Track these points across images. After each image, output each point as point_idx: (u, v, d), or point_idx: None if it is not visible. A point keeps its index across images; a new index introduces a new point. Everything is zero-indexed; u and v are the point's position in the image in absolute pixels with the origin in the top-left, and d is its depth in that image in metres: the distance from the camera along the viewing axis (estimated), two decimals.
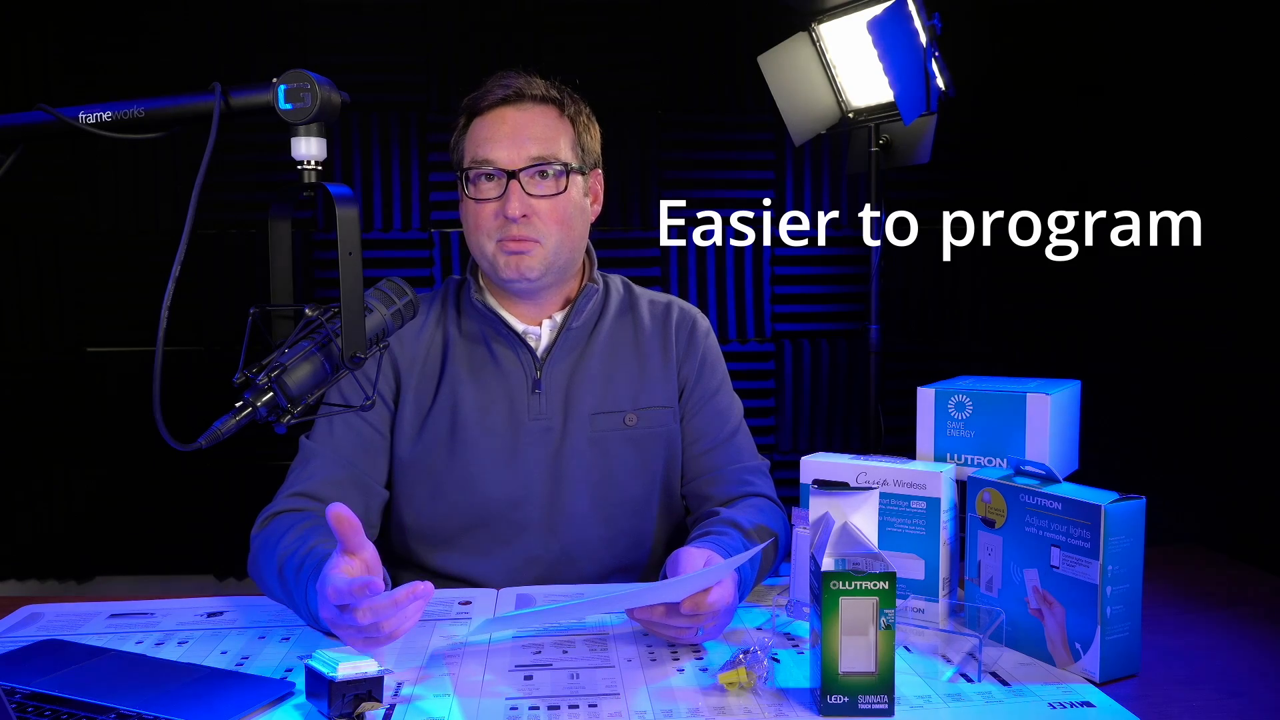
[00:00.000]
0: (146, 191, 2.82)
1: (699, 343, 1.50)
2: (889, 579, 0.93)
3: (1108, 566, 1.01)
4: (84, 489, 2.86)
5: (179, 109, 0.96)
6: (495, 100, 1.38)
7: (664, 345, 1.48)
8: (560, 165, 1.37)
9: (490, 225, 1.37)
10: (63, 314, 2.83)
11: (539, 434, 1.41)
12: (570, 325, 1.43)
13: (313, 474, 1.35)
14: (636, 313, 1.50)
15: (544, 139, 1.37)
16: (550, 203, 1.36)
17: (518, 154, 1.35)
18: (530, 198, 1.35)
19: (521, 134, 1.36)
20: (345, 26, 2.83)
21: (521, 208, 1.34)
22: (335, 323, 0.97)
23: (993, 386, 1.24)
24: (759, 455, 1.52)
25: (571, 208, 1.38)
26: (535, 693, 1.00)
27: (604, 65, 2.87)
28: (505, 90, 1.38)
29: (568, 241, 1.39)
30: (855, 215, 2.94)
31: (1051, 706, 0.96)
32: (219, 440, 0.92)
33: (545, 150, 1.36)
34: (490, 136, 1.36)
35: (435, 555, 1.43)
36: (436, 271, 2.87)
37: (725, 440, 1.48)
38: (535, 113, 1.38)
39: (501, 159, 1.35)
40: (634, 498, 1.44)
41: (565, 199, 1.37)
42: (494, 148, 1.35)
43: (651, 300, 1.53)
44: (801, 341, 2.97)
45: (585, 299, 1.45)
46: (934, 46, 2.00)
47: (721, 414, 1.49)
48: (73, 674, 1.01)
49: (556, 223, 1.37)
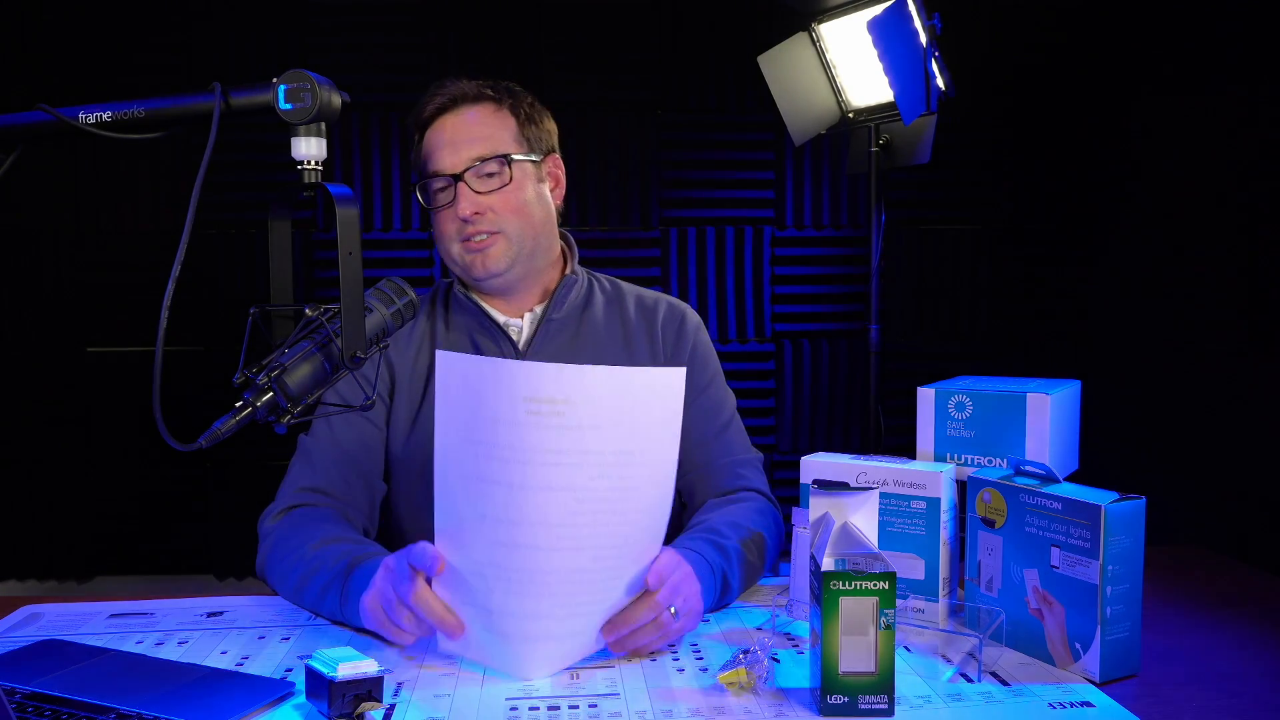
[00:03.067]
0: (146, 191, 2.83)
1: (688, 335, 1.51)
2: (889, 579, 0.93)
3: (1108, 566, 1.01)
4: (84, 489, 2.85)
5: (179, 109, 0.97)
6: (433, 110, 1.43)
7: (650, 338, 1.49)
8: (501, 157, 1.39)
9: (451, 230, 1.41)
10: (63, 314, 2.83)
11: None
12: (550, 317, 1.45)
13: (319, 469, 1.37)
14: (622, 306, 1.51)
15: (482, 137, 1.40)
16: (500, 196, 1.39)
17: (458, 157, 1.39)
18: (479, 195, 1.38)
19: (459, 137, 1.40)
20: (345, 26, 2.83)
21: (471, 206, 1.38)
22: (335, 323, 0.97)
23: (993, 386, 1.24)
24: (752, 448, 1.52)
25: (524, 196, 1.41)
26: (535, 693, 1.00)
27: (604, 65, 2.87)
28: (441, 99, 1.43)
29: (529, 229, 1.42)
30: (855, 215, 2.95)
31: (1051, 706, 0.96)
32: (219, 440, 0.92)
33: (484, 148, 1.39)
34: (434, 145, 1.41)
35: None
36: (436, 271, 2.87)
37: (717, 433, 1.48)
38: (471, 114, 1.42)
39: (445, 165, 1.39)
40: None
41: (515, 189, 1.40)
42: (438, 156, 1.40)
43: (639, 295, 1.55)
44: (801, 341, 2.97)
45: (565, 289, 1.47)
46: (934, 46, 2.00)
47: (714, 407, 1.49)
48: (73, 674, 1.01)
49: (511, 212, 1.40)
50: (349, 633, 1.17)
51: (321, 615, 1.21)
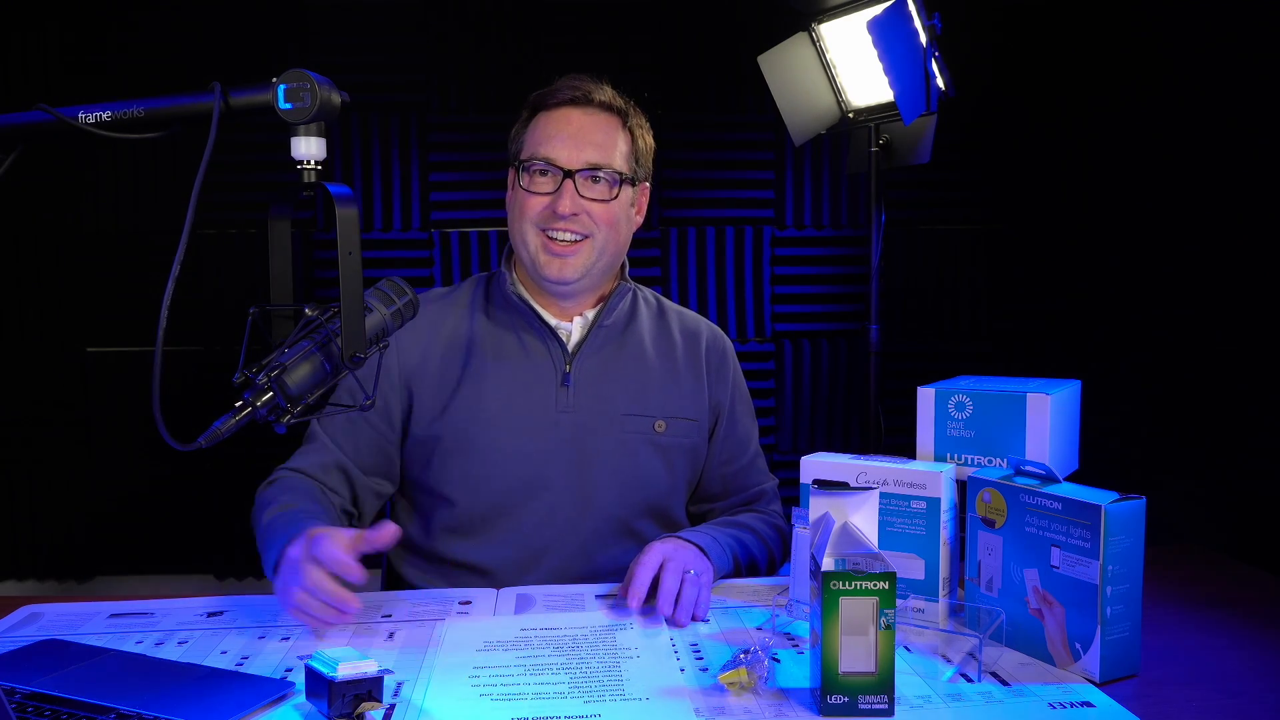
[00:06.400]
0: (146, 191, 2.82)
1: (729, 367, 1.55)
2: (889, 579, 0.93)
3: (1108, 566, 1.01)
4: (84, 489, 2.85)
5: (179, 109, 0.96)
6: (562, 100, 1.43)
7: (695, 364, 1.51)
8: (614, 173, 1.41)
9: (537, 214, 1.41)
10: (63, 314, 2.82)
11: (567, 427, 1.43)
12: (602, 323, 1.47)
13: (310, 457, 1.42)
14: (666, 324, 1.54)
15: (602, 145, 1.41)
16: (602, 206, 1.41)
17: (576, 155, 1.40)
18: (582, 199, 1.40)
19: (582, 137, 1.41)
20: (345, 26, 2.82)
21: (573, 207, 1.39)
22: (335, 322, 0.97)
23: (993, 386, 1.24)
24: (771, 476, 1.57)
25: (619, 213, 1.44)
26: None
27: (604, 65, 2.85)
28: (573, 91, 1.43)
29: (612, 244, 1.44)
30: (855, 215, 2.95)
31: (1051, 706, 0.96)
32: (219, 440, 0.92)
33: (602, 157, 1.41)
34: (553, 134, 1.41)
35: (451, 543, 1.44)
36: (436, 271, 2.87)
37: (747, 464, 1.54)
38: (599, 119, 1.43)
39: (560, 158, 1.39)
40: (657, 505, 1.46)
41: (615, 205, 1.42)
42: (555, 146, 1.40)
43: (680, 314, 1.57)
44: (801, 341, 2.96)
45: (618, 297, 1.49)
46: (934, 46, 2.00)
47: (745, 438, 1.55)
48: (73, 674, 1.01)
49: (605, 224, 1.42)
50: (349, 633, 1.17)
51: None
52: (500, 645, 1.12)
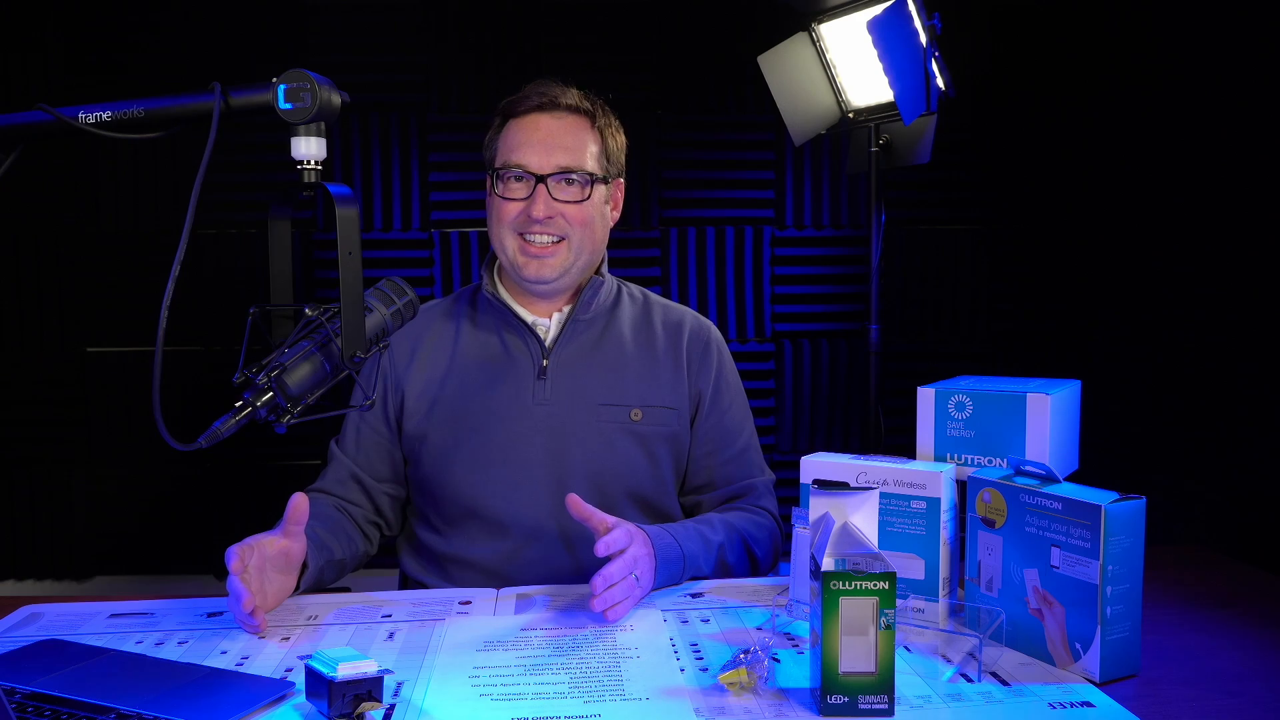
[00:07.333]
0: (146, 191, 2.82)
1: (713, 355, 1.55)
2: (889, 579, 0.93)
3: (1108, 566, 1.01)
4: (83, 489, 2.85)
5: (179, 109, 0.97)
6: (531, 106, 1.46)
7: (675, 353, 1.52)
8: (585, 174, 1.44)
9: (513, 219, 1.44)
10: (63, 314, 2.82)
11: (543, 418, 1.46)
12: (577, 317, 1.50)
13: (329, 475, 1.51)
14: (649, 318, 1.56)
15: (572, 148, 1.44)
16: (575, 207, 1.44)
17: (547, 160, 1.43)
18: (555, 202, 1.43)
19: (552, 141, 1.43)
20: (345, 26, 2.82)
21: (547, 210, 1.42)
22: (335, 322, 0.97)
23: (993, 386, 1.24)
24: (767, 470, 1.56)
25: (593, 212, 1.47)
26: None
27: (604, 65, 2.87)
28: (541, 97, 1.46)
29: (588, 243, 1.47)
30: (855, 215, 2.95)
31: (1051, 706, 0.96)
32: (219, 440, 0.93)
33: (572, 160, 1.43)
34: (523, 141, 1.44)
35: (441, 537, 1.48)
36: (436, 271, 2.87)
37: (736, 455, 1.53)
38: (567, 122, 1.46)
39: (531, 163, 1.43)
40: (640, 494, 1.47)
41: (588, 205, 1.45)
42: (525, 152, 1.43)
43: (665, 307, 1.59)
44: (801, 341, 2.96)
45: (591, 291, 1.51)
46: (934, 46, 2.00)
47: (734, 428, 1.54)
48: (73, 674, 1.01)
49: (580, 224, 1.45)
50: (348, 633, 1.17)
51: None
52: (500, 645, 1.13)
